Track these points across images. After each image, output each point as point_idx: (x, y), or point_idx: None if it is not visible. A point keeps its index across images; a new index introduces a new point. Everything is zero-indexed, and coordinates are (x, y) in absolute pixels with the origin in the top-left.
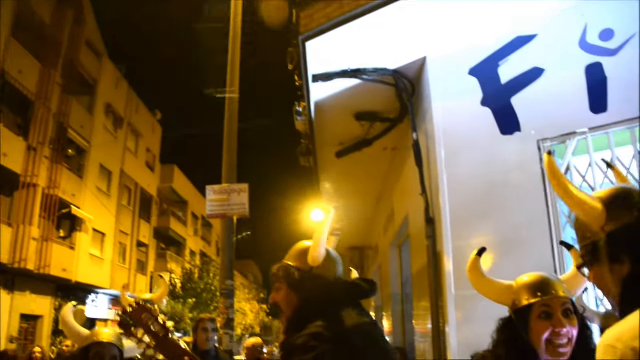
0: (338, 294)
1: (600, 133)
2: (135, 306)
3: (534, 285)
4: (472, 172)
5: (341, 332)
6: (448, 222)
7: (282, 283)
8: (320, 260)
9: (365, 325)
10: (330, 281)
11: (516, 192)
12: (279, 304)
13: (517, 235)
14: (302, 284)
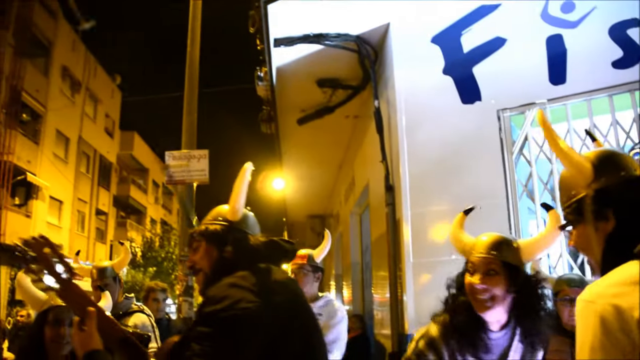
0: (257, 248)
1: (558, 104)
2: (40, 238)
3: (473, 244)
4: (432, 140)
5: (260, 284)
6: (407, 189)
7: (201, 240)
8: (239, 214)
9: (286, 281)
10: (249, 235)
11: (475, 161)
12: (197, 264)
13: (474, 203)
14: (222, 237)
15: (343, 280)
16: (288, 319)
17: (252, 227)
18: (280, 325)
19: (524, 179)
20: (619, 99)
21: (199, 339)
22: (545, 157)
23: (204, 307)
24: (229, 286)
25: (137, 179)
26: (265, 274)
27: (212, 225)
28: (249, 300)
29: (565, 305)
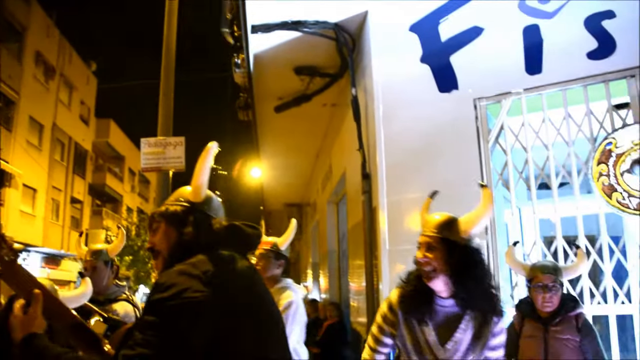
0: (218, 232)
1: (534, 94)
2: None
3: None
4: (409, 128)
5: (212, 272)
6: (384, 177)
7: (160, 221)
8: (202, 195)
9: (243, 270)
10: (211, 218)
11: (451, 149)
12: (156, 245)
13: (450, 191)
14: (182, 219)
15: (320, 269)
16: (241, 310)
17: (215, 210)
18: (231, 317)
19: (500, 167)
20: (594, 89)
21: (142, 327)
22: (521, 146)
23: (151, 295)
24: (178, 273)
25: (113, 167)
26: (220, 261)
27: (172, 206)
28: (196, 289)
29: (539, 291)
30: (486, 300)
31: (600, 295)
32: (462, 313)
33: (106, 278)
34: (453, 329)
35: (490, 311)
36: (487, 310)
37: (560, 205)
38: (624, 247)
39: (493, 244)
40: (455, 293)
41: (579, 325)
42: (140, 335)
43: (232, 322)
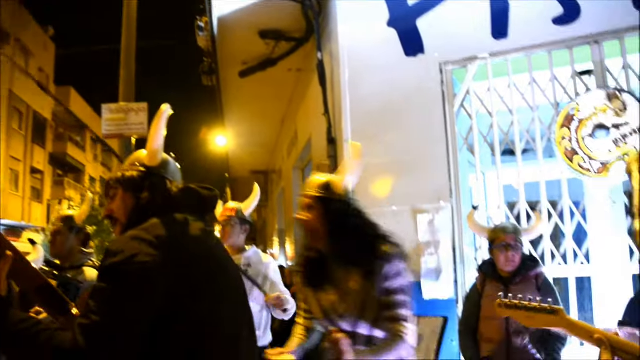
0: (174, 196)
1: (499, 59)
2: None
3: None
4: (375, 92)
5: (165, 237)
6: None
7: (117, 187)
8: (158, 158)
9: (199, 234)
10: (168, 181)
11: (417, 114)
12: (114, 213)
13: (416, 155)
14: (138, 184)
15: (286, 236)
16: (196, 274)
17: (172, 173)
18: (185, 280)
19: (465, 132)
20: (558, 55)
21: (96, 295)
22: (486, 111)
23: (103, 261)
24: (130, 239)
25: (74, 136)
26: (173, 224)
27: (128, 172)
28: (147, 253)
29: (502, 250)
30: (366, 252)
31: (560, 257)
32: (349, 266)
33: (69, 244)
34: (346, 283)
35: (377, 258)
36: (375, 258)
37: (523, 170)
38: (584, 210)
39: (457, 208)
40: (334, 250)
41: (539, 284)
42: (93, 303)
43: (187, 286)
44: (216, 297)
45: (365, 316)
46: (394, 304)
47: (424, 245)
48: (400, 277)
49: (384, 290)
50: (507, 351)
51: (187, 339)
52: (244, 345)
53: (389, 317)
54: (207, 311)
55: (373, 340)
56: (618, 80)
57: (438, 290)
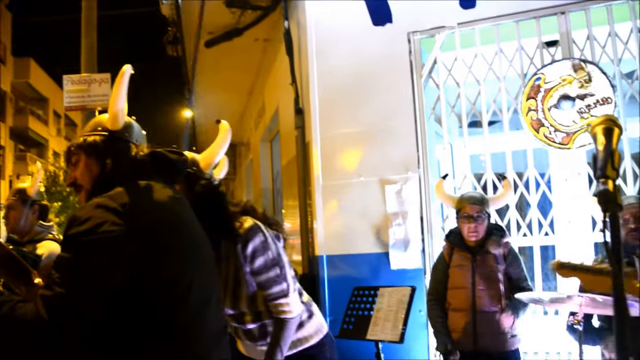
0: (140, 160)
1: (467, 28)
2: None
3: None
4: (342, 62)
5: (131, 204)
6: (317, 112)
7: (80, 154)
8: (120, 122)
9: (167, 199)
10: (133, 144)
11: (384, 84)
12: (77, 179)
13: (384, 125)
14: (101, 149)
15: None
16: (164, 244)
17: (137, 137)
18: (151, 250)
19: (432, 102)
20: (525, 25)
21: (59, 265)
22: (454, 81)
23: (66, 230)
24: (94, 207)
25: (36, 110)
26: (140, 191)
27: (90, 137)
28: (113, 222)
29: (465, 221)
30: (225, 229)
31: (526, 227)
32: (216, 249)
33: (24, 218)
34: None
35: (231, 239)
36: (228, 240)
37: (490, 141)
38: (549, 180)
39: (425, 178)
40: None
41: (505, 253)
42: (57, 274)
43: (153, 254)
44: (184, 265)
45: (241, 298)
46: (265, 284)
47: (391, 216)
48: (261, 253)
49: (251, 271)
50: (473, 320)
51: (155, 307)
52: (212, 312)
53: (266, 297)
54: (175, 279)
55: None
56: (583, 51)
57: (406, 260)
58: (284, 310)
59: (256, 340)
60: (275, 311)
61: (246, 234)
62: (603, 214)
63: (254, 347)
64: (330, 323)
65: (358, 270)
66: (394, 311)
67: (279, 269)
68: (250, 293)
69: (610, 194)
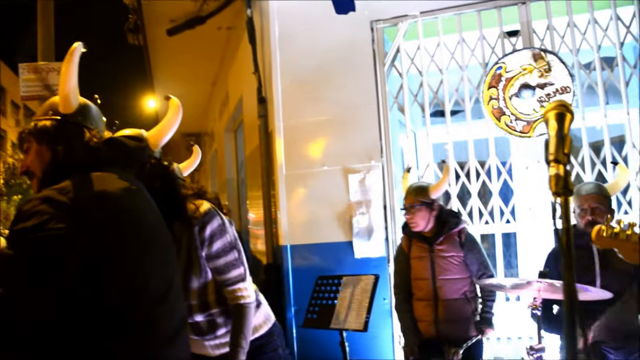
0: (97, 148)
1: (430, 17)
2: None
3: None
4: (305, 51)
5: (81, 197)
6: (280, 101)
7: (31, 140)
8: (73, 104)
9: (121, 191)
10: (88, 129)
11: (347, 73)
12: (30, 167)
13: (347, 114)
14: (52, 134)
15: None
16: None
17: (93, 120)
18: (103, 247)
19: (395, 91)
20: (487, 15)
21: (1, 263)
22: (417, 69)
23: (13, 224)
24: (41, 201)
25: None
26: (92, 183)
27: (41, 121)
28: (60, 218)
29: (405, 212)
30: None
31: (488, 215)
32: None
33: None
34: None
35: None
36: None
37: (453, 129)
38: (510, 168)
39: (388, 167)
40: None
41: (462, 240)
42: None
43: (105, 251)
44: (140, 259)
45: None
46: (223, 268)
47: (355, 205)
48: (219, 236)
49: (207, 256)
50: (435, 309)
51: (111, 302)
52: (171, 304)
53: (224, 282)
54: (131, 273)
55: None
56: (543, 41)
57: (369, 249)
58: (242, 295)
59: (204, 334)
60: (233, 297)
61: (203, 217)
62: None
63: (201, 343)
64: (294, 313)
65: (322, 259)
66: (358, 300)
67: (237, 253)
68: (201, 281)
69: (560, 179)
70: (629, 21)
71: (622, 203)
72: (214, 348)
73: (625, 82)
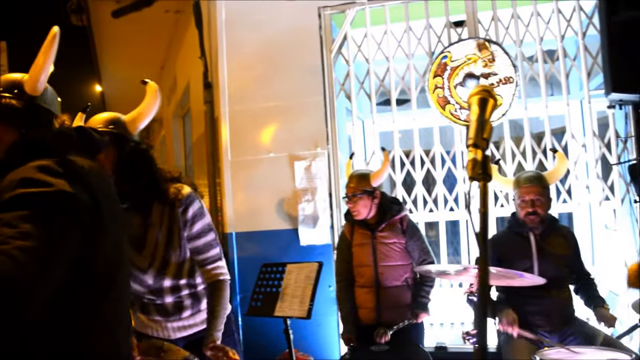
0: (69, 134)
1: (377, 5)
2: None
3: None
4: (252, 36)
5: (78, 172)
6: (226, 86)
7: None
8: (41, 88)
9: (103, 174)
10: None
11: (295, 59)
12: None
13: (293, 101)
14: (18, 113)
15: None
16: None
17: (52, 104)
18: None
19: (342, 78)
20: (434, 5)
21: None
22: (363, 57)
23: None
24: (39, 169)
25: None
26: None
27: (6, 99)
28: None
29: (350, 201)
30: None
31: (432, 202)
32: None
33: None
34: (144, 235)
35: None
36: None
37: (399, 118)
38: (454, 157)
39: (334, 155)
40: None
41: (404, 227)
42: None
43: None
44: (118, 243)
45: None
46: (203, 248)
47: (300, 192)
48: (199, 218)
49: (188, 236)
50: (377, 295)
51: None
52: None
53: (203, 261)
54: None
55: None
56: (488, 32)
57: (315, 236)
58: (220, 272)
59: (169, 315)
60: (211, 275)
61: (186, 199)
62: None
63: (164, 324)
64: (240, 300)
65: (267, 247)
66: (302, 287)
67: (214, 234)
68: (179, 261)
69: (477, 163)
70: (569, 15)
71: (561, 192)
72: (175, 330)
73: (565, 75)
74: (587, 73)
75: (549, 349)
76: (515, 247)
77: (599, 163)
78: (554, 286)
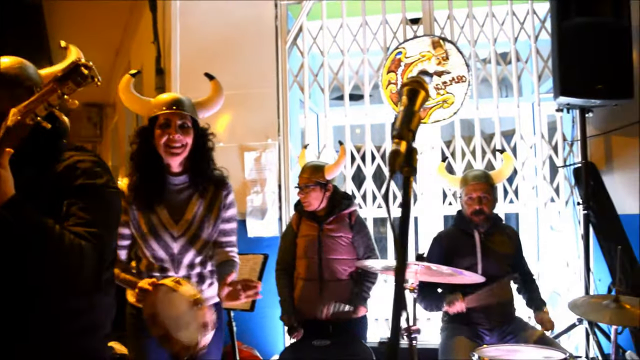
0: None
1: None
2: None
3: (164, 102)
4: (207, 23)
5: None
6: (178, 73)
7: None
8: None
9: None
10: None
11: (249, 48)
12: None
13: (246, 91)
14: None
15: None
16: None
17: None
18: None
19: (296, 69)
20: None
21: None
22: (318, 49)
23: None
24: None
25: None
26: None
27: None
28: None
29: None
30: (213, 176)
31: (382, 198)
32: (194, 189)
33: None
34: (186, 204)
35: (219, 185)
36: (216, 185)
37: (352, 112)
38: None
39: (284, 147)
40: (189, 169)
41: (352, 222)
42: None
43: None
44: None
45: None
46: (229, 232)
47: (249, 183)
48: (234, 205)
49: (222, 218)
50: (320, 289)
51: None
52: None
53: (224, 243)
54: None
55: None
56: (444, 30)
57: (262, 228)
58: (235, 256)
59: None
60: (228, 257)
61: (229, 185)
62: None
63: None
64: None
65: None
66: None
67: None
68: (207, 239)
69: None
70: (523, 18)
71: (508, 192)
72: None
73: (517, 77)
74: (538, 76)
75: (488, 347)
76: (460, 244)
77: (546, 165)
78: (496, 284)
